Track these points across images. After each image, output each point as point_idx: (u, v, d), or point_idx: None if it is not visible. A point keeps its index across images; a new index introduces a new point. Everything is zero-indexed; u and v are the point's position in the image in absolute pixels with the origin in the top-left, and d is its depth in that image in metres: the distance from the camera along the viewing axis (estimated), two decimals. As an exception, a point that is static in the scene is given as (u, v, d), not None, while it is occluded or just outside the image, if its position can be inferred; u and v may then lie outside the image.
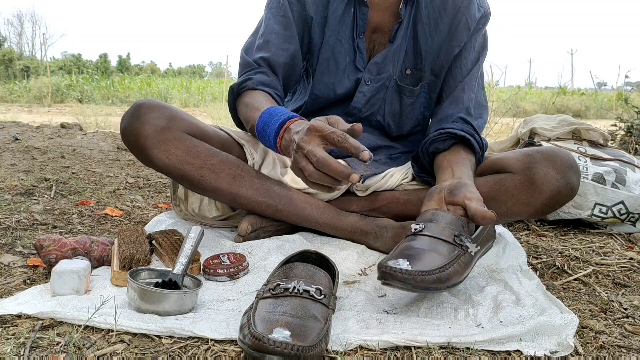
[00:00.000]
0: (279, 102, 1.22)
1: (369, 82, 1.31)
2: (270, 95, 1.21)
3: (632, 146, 2.72)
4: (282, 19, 1.27)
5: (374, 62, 1.29)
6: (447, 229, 0.90)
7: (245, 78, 1.23)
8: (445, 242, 0.88)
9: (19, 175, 2.03)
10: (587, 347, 0.81)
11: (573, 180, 1.08)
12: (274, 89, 1.23)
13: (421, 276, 0.82)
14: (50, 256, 1.02)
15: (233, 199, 1.22)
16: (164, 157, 1.13)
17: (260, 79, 1.23)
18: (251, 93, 1.21)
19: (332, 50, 1.29)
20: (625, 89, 7.46)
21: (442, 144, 1.19)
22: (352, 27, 1.28)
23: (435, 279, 0.82)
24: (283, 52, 1.26)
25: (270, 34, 1.27)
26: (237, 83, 1.24)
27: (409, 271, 0.82)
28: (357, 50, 1.29)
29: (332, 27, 1.28)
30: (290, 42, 1.27)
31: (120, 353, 0.73)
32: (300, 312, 0.75)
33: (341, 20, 1.27)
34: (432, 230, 0.91)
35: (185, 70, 29.89)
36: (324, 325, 0.74)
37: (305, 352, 0.67)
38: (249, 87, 1.22)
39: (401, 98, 1.32)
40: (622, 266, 1.24)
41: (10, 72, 18.02)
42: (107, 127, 5.12)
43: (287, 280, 0.81)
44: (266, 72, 1.25)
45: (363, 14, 1.27)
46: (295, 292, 0.78)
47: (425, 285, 0.82)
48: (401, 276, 0.81)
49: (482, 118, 1.27)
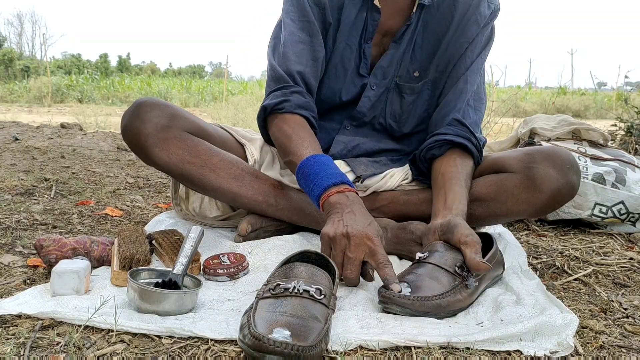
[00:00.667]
0: (315, 124, 1.22)
1: (375, 87, 1.31)
2: (308, 119, 1.20)
3: (632, 146, 2.72)
4: (306, 24, 1.23)
5: (380, 66, 1.29)
6: (451, 259, 0.94)
7: (282, 99, 1.19)
8: (447, 271, 0.92)
9: (19, 175, 2.03)
10: (587, 347, 0.81)
11: (573, 179, 1.08)
12: (310, 111, 1.21)
13: (420, 302, 0.85)
14: (50, 256, 1.02)
15: (233, 199, 1.21)
16: (164, 156, 1.13)
17: (298, 102, 1.19)
18: (288, 118, 1.18)
19: (341, 56, 1.28)
20: (625, 89, 7.46)
21: (439, 150, 1.20)
22: (362, 33, 1.27)
23: (434, 305, 0.86)
24: (315, 63, 1.24)
25: (297, 42, 1.23)
26: (272, 103, 1.20)
27: (408, 296, 0.85)
28: (363, 57, 1.28)
29: (343, 32, 1.27)
30: (319, 51, 1.24)
31: (120, 353, 0.73)
32: (300, 312, 0.75)
33: (353, 25, 1.26)
34: (435, 259, 0.94)
35: (185, 70, 29.89)
36: (324, 325, 0.74)
37: (306, 352, 0.67)
38: (286, 110, 1.19)
39: (401, 97, 1.31)
40: (622, 266, 1.23)
41: (10, 72, 18.02)
42: (107, 127, 5.12)
43: (287, 280, 0.81)
44: (302, 92, 1.21)
45: (374, 20, 1.25)
46: (296, 292, 0.78)
47: (425, 310, 0.85)
48: (400, 301, 0.85)
49: (480, 112, 1.26)
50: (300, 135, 1.15)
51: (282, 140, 1.17)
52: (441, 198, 1.10)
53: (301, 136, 1.15)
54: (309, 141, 1.13)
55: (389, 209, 1.27)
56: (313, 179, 1.05)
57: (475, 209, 1.16)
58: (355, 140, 1.34)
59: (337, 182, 1.04)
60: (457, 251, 0.95)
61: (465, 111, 1.23)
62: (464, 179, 1.14)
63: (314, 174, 1.05)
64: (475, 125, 1.23)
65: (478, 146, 1.20)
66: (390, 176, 1.28)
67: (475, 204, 1.16)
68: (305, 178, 1.07)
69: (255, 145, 1.33)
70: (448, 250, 0.95)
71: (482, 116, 1.28)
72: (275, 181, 1.26)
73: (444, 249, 0.96)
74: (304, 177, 1.07)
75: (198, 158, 1.15)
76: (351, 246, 0.94)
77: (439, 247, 0.97)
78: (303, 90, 1.22)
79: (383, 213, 1.27)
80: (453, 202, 1.07)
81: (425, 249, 0.98)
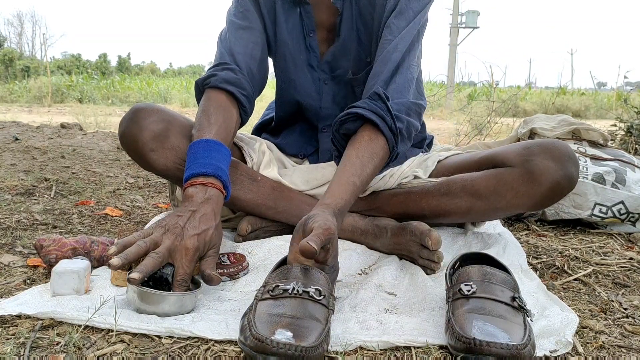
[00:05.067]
0: (242, 101, 1.19)
1: (327, 82, 1.31)
2: (233, 94, 1.18)
3: (632, 146, 2.72)
4: (245, 13, 1.27)
5: (325, 60, 1.30)
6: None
7: (210, 74, 1.20)
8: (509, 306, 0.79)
9: (19, 175, 2.03)
10: (587, 347, 0.81)
11: (572, 171, 1.08)
12: (238, 87, 1.19)
13: (517, 351, 0.69)
14: (50, 256, 1.02)
15: (232, 202, 1.21)
16: (162, 161, 1.12)
17: (225, 77, 1.19)
18: (211, 94, 1.18)
19: (287, 47, 1.30)
20: (625, 89, 7.46)
21: (352, 125, 1.11)
22: (302, 26, 1.28)
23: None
24: (255, 46, 1.25)
25: (237, 29, 1.25)
26: (201, 78, 1.21)
27: (510, 345, 0.69)
28: (310, 49, 1.29)
29: (281, 25, 1.28)
30: (258, 36, 1.26)
31: (120, 353, 0.73)
32: (300, 313, 0.75)
33: (288, 19, 1.28)
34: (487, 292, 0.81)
35: (185, 70, 29.88)
36: (325, 325, 0.74)
37: (308, 352, 0.67)
38: (211, 84, 1.19)
39: (354, 92, 1.30)
40: (622, 266, 1.24)
41: (10, 72, 18.02)
42: (107, 127, 5.12)
43: (286, 282, 0.80)
44: (234, 69, 1.21)
45: (307, 12, 1.26)
46: (295, 293, 0.78)
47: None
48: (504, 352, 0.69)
49: (410, 72, 1.16)
50: (212, 114, 1.12)
51: (198, 113, 1.16)
52: (327, 189, 1.00)
53: (212, 115, 1.11)
54: (217, 124, 1.09)
55: (389, 207, 1.26)
56: (189, 163, 1.01)
57: (475, 203, 1.16)
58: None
59: (205, 173, 0.98)
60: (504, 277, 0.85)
61: (393, 77, 1.15)
62: (360, 163, 1.03)
63: (193, 158, 1.01)
64: (402, 89, 1.13)
65: (393, 126, 1.08)
66: (390, 176, 1.28)
67: (475, 198, 1.16)
68: (187, 160, 1.03)
69: (252, 147, 1.33)
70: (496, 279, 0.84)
71: (414, 76, 1.17)
72: (275, 183, 1.26)
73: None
74: (187, 159, 1.03)
75: None
76: (164, 244, 0.87)
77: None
78: (236, 68, 1.21)
79: (383, 212, 1.27)
80: (332, 195, 0.97)
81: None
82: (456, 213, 1.20)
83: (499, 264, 0.92)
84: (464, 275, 0.85)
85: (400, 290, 0.99)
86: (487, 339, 0.69)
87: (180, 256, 0.88)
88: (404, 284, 1.02)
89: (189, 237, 0.89)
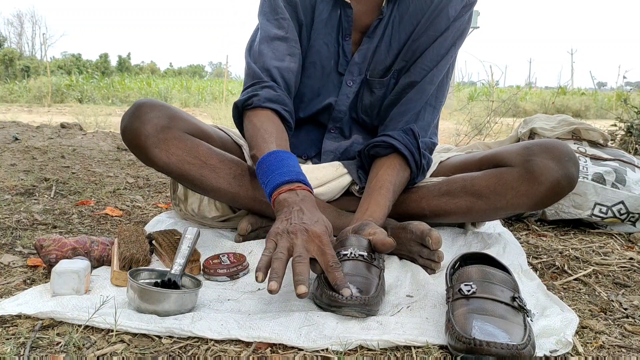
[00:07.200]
0: (287, 117, 1.19)
1: (351, 84, 1.30)
2: (278, 112, 1.18)
3: (632, 146, 2.72)
4: (281, 22, 1.24)
5: (354, 62, 1.28)
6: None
7: (251, 94, 1.18)
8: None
9: (19, 175, 2.03)
10: (587, 347, 0.81)
11: (572, 170, 1.08)
12: (281, 104, 1.19)
13: (517, 351, 0.70)
14: (50, 256, 1.02)
15: (233, 199, 1.21)
16: (164, 157, 1.12)
17: (267, 96, 1.17)
18: (258, 113, 1.17)
19: (319, 55, 1.28)
20: (625, 89, 7.46)
21: (383, 151, 1.22)
22: (338, 30, 1.27)
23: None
24: (292, 58, 1.23)
25: (273, 39, 1.22)
26: (242, 99, 1.20)
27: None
28: (342, 54, 1.28)
29: (318, 31, 1.26)
30: (295, 47, 1.24)
31: (120, 353, 0.73)
32: (360, 271, 0.90)
33: (327, 23, 1.26)
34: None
35: (185, 70, 29.89)
36: (379, 281, 0.91)
37: (370, 301, 0.84)
38: (254, 104, 1.17)
39: (371, 92, 1.30)
40: (622, 266, 1.23)
41: (10, 72, 18.02)
42: (107, 127, 5.12)
43: (344, 249, 0.95)
44: (273, 86, 1.20)
45: (348, 16, 1.25)
46: (353, 256, 0.93)
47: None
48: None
49: (437, 111, 1.28)
50: (266, 130, 1.12)
51: (249, 134, 1.16)
52: (365, 205, 1.14)
53: (267, 130, 1.12)
54: (274, 136, 1.10)
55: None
56: (268, 176, 1.02)
57: (475, 202, 1.16)
58: (342, 145, 1.34)
59: (290, 180, 1.00)
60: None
61: (422, 113, 1.25)
62: (393, 190, 1.17)
63: (270, 170, 1.02)
64: (427, 127, 1.25)
65: (419, 163, 1.22)
66: (390, 176, 1.29)
67: (475, 198, 1.16)
68: (262, 174, 1.04)
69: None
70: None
71: (438, 115, 1.29)
72: (276, 181, 1.25)
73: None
74: (262, 173, 1.04)
75: (198, 159, 1.15)
76: (298, 244, 0.89)
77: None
78: (274, 85, 1.20)
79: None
80: (373, 212, 1.11)
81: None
82: (456, 213, 1.20)
83: (499, 264, 0.92)
84: (464, 275, 0.85)
85: (401, 290, 0.99)
86: (487, 339, 0.69)
87: (318, 244, 0.90)
88: (405, 284, 1.02)
89: (313, 225, 0.92)
